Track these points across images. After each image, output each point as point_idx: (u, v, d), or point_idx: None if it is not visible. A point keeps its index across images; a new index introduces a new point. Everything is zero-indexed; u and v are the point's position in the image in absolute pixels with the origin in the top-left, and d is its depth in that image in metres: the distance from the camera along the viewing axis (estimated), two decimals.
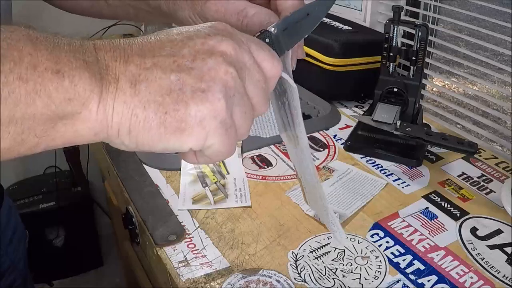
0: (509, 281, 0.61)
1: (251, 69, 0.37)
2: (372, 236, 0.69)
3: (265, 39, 0.42)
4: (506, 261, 0.65)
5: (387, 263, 0.64)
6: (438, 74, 1.23)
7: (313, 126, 0.98)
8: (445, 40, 1.13)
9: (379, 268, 0.63)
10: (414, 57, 0.88)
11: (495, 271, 0.63)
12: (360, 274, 0.62)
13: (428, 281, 0.61)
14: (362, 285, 0.61)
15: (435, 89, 1.60)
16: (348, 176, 0.82)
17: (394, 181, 0.81)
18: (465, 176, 0.83)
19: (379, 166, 0.85)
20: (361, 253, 0.66)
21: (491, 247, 0.67)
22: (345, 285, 0.61)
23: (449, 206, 0.75)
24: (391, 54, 0.90)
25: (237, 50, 0.36)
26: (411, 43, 1.08)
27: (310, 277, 0.62)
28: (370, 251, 0.66)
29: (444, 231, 0.70)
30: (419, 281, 0.61)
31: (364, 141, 0.90)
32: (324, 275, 0.62)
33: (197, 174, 0.82)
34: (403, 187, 0.80)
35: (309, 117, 1.09)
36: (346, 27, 1.12)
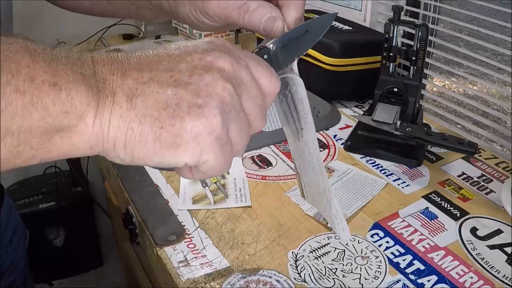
0: (509, 281, 0.61)
1: (248, 86, 0.37)
2: (372, 236, 0.69)
3: (263, 56, 0.41)
4: (506, 261, 0.65)
5: (387, 263, 0.64)
6: (438, 74, 1.23)
7: None
8: (445, 40, 1.13)
9: (379, 268, 0.64)
10: (414, 57, 0.88)
11: (495, 271, 0.63)
12: (360, 274, 0.62)
13: (428, 281, 0.62)
14: (362, 285, 0.61)
15: (435, 89, 1.60)
16: (348, 176, 0.82)
17: (394, 181, 0.81)
18: (465, 176, 0.83)
19: (379, 166, 0.85)
20: (361, 253, 0.66)
21: (491, 247, 0.67)
22: (345, 285, 0.61)
23: (449, 206, 0.75)
24: (391, 54, 0.90)
25: (234, 66, 0.36)
26: (411, 43, 1.08)
27: (310, 277, 0.62)
28: (370, 251, 0.66)
29: (444, 231, 0.70)
30: (419, 281, 0.61)
31: (364, 141, 0.90)
32: (324, 275, 0.62)
33: None
34: (403, 187, 0.80)
35: None
36: (346, 27, 1.12)
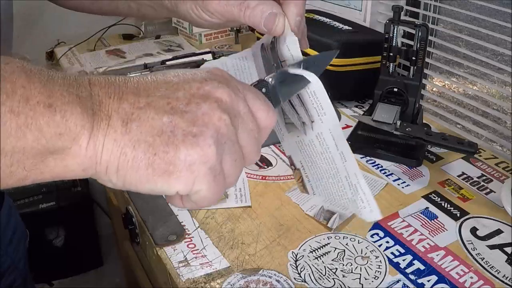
0: (509, 281, 0.61)
1: (245, 118, 0.37)
2: (372, 236, 0.69)
3: (261, 89, 0.41)
4: (506, 261, 0.65)
5: (387, 263, 0.64)
6: (438, 74, 1.23)
7: None
8: (445, 40, 1.13)
9: (379, 268, 0.64)
10: (414, 57, 0.88)
11: (495, 271, 0.63)
12: (360, 274, 0.62)
13: (428, 281, 0.62)
14: (362, 285, 0.61)
15: (435, 89, 1.60)
16: None
17: (394, 181, 0.81)
18: (465, 176, 0.83)
19: (379, 166, 0.85)
20: (361, 253, 0.66)
21: (491, 247, 0.67)
22: (345, 285, 0.61)
23: (449, 206, 0.75)
24: (391, 54, 0.90)
25: (232, 98, 0.36)
26: (411, 43, 1.08)
27: (310, 277, 0.62)
28: (370, 251, 0.66)
29: (444, 231, 0.70)
30: (419, 281, 0.62)
31: (364, 141, 0.90)
32: (324, 275, 0.62)
33: None
34: (403, 187, 0.80)
35: None
36: (346, 27, 1.12)
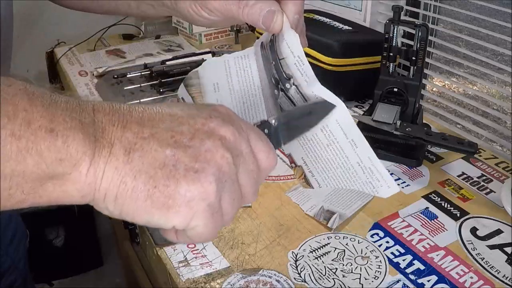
0: (509, 281, 0.61)
1: (246, 158, 0.37)
2: (372, 236, 0.69)
3: (264, 130, 0.42)
4: (506, 261, 0.65)
5: (387, 263, 0.64)
6: (438, 74, 1.23)
7: None
8: (445, 40, 1.13)
9: (379, 268, 0.64)
10: (414, 57, 0.88)
11: (495, 271, 0.63)
12: (360, 274, 0.62)
13: (428, 281, 0.62)
14: (362, 285, 0.61)
15: (435, 89, 1.60)
16: None
17: (394, 181, 0.81)
18: (465, 176, 0.83)
19: None
20: (361, 253, 0.66)
21: (491, 247, 0.67)
22: (345, 285, 0.61)
23: (449, 206, 0.75)
24: (391, 54, 0.90)
25: (236, 137, 0.36)
26: (411, 43, 1.08)
27: (310, 277, 0.62)
28: (370, 251, 0.66)
29: (444, 231, 0.70)
30: (419, 281, 0.62)
31: None
32: (324, 275, 0.62)
33: None
34: (403, 187, 0.80)
35: None
36: (346, 27, 1.12)
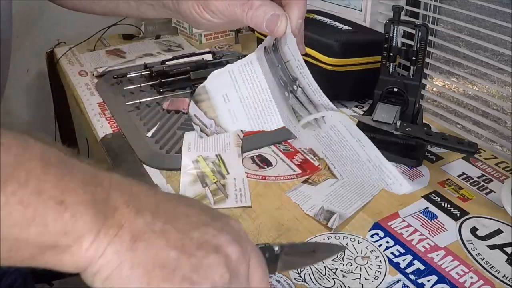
0: (509, 281, 0.61)
1: (241, 280, 0.38)
2: (372, 236, 0.69)
3: (265, 254, 0.43)
4: (506, 261, 0.65)
5: (387, 263, 0.64)
6: (438, 74, 1.23)
7: None
8: (445, 40, 1.13)
9: (379, 268, 0.64)
10: (414, 57, 0.88)
11: (495, 271, 0.63)
12: (360, 274, 0.62)
13: (428, 281, 0.62)
14: (362, 285, 0.61)
15: (435, 89, 1.60)
16: None
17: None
18: (465, 176, 0.83)
19: None
20: (361, 253, 0.66)
21: (491, 247, 0.67)
22: (345, 285, 0.61)
23: (449, 206, 0.75)
24: (391, 54, 0.90)
25: (239, 258, 0.37)
26: (411, 43, 1.08)
27: (310, 277, 0.62)
28: (370, 251, 0.66)
29: (444, 231, 0.70)
30: (419, 281, 0.62)
31: None
32: (324, 275, 0.62)
33: (197, 174, 0.82)
34: None
35: None
36: (346, 27, 1.12)
